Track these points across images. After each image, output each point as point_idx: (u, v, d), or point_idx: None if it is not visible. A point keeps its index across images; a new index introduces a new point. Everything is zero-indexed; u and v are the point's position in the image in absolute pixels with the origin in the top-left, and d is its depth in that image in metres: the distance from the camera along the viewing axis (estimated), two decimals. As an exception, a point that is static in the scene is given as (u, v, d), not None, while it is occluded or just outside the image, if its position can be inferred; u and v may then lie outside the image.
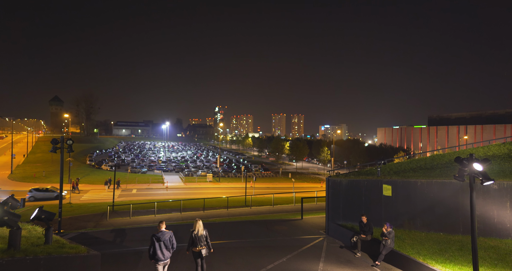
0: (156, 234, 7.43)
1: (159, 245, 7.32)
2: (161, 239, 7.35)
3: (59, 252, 5.86)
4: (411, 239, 11.18)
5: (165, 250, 7.39)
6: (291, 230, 15.04)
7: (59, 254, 5.75)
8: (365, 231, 11.52)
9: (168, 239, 7.49)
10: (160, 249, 7.31)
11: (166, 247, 7.43)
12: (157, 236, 7.36)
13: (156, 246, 7.31)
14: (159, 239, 7.34)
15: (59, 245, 6.52)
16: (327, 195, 14.13)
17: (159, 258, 7.31)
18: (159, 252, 7.29)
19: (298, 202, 28.96)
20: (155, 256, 7.31)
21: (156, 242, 7.31)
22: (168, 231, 7.59)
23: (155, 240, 7.32)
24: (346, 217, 13.54)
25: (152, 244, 7.32)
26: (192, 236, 8.01)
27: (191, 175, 61.96)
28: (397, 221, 12.07)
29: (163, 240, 7.37)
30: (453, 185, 11.07)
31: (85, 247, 7.18)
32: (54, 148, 12.28)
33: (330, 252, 11.74)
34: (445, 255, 9.59)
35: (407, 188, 11.99)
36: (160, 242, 7.34)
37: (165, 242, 7.41)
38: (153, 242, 7.31)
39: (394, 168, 14.09)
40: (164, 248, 7.38)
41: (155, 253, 7.29)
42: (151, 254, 7.34)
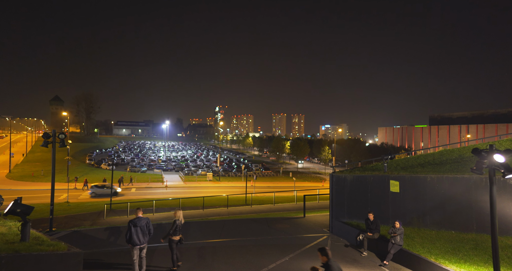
0: (133, 220, 7.82)
1: (136, 231, 7.70)
2: (138, 225, 7.75)
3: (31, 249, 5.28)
4: (420, 238, 10.60)
5: (141, 235, 7.77)
6: (293, 228, 14.45)
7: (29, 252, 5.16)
8: (372, 229, 10.95)
9: (145, 225, 7.87)
10: (136, 234, 7.69)
11: (143, 232, 7.82)
12: (134, 222, 7.76)
13: (133, 231, 7.68)
14: (135, 224, 7.73)
15: (38, 242, 5.96)
16: (331, 192, 13.54)
17: (135, 242, 7.69)
18: (135, 236, 7.68)
19: (299, 200, 28.41)
20: (131, 241, 7.69)
21: (133, 227, 7.70)
22: (145, 218, 7.97)
23: (131, 225, 7.72)
24: (351, 214, 12.96)
25: (129, 229, 7.71)
26: (177, 225, 8.55)
27: (191, 174, 61.41)
28: (405, 218, 11.48)
29: (139, 226, 7.76)
30: (466, 180, 10.49)
31: (66, 244, 6.64)
32: (46, 142, 11.71)
33: (335, 251, 11.15)
34: (459, 255, 9.00)
35: (416, 184, 11.41)
36: (137, 228, 7.73)
37: (142, 227, 7.79)
38: (130, 228, 7.72)
39: (401, 164, 13.50)
40: (140, 233, 7.75)
41: (131, 237, 7.69)
42: (127, 238, 7.74)
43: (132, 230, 7.72)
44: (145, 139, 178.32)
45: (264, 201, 29.52)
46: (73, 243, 10.98)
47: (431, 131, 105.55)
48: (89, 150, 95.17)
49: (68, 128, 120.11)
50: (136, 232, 7.72)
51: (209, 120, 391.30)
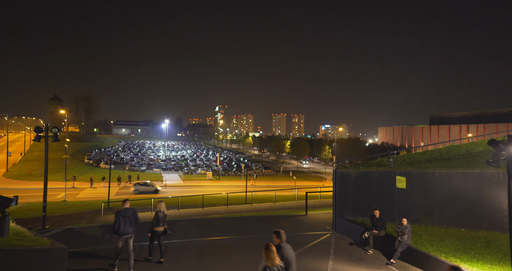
0: (120, 211, 7.96)
1: (124, 221, 7.83)
2: (125, 215, 7.89)
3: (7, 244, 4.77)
4: (429, 235, 10.16)
5: (128, 226, 7.91)
6: (295, 226, 14.01)
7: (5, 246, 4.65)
8: (377, 226, 10.51)
9: (132, 216, 8.03)
10: (124, 224, 7.82)
11: (130, 222, 7.96)
12: (122, 213, 7.90)
13: (121, 222, 7.80)
14: (123, 215, 7.89)
15: (19, 237, 5.51)
16: (334, 188, 13.10)
17: (122, 232, 7.81)
18: (122, 227, 7.80)
19: (300, 199, 27.97)
20: (119, 231, 7.80)
21: (121, 218, 7.83)
22: (132, 208, 8.13)
23: (120, 216, 7.84)
24: (355, 211, 12.52)
25: (117, 220, 7.82)
26: (159, 216, 8.73)
27: (190, 173, 60.96)
28: (412, 215, 11.04)
29: (127, 216, 7.90)
30: (476, 175, 10.05)
31: (50, 240, 6.19)
32: (38, 136, 11.23)
33: (339, 249, 10.72)
34: (470, 253, 8.56)
35: (424, 180, 10.97)
36: (125, 218, 7.86)
37: (129, 218, 7.94)
38: (118, 218, 7.82)
39: (407, 159, 13.06)
40: (128, 223, 7.89)
41: (119, 228, 7.79)
42: (116, 229, 7.82)
43: (120, 221, 7.83)
44: (144, 138, 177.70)
45: (265, 200, 29.09)
46: (65, 241, 10.53)
47: (431, 131, 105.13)
48: (88, 149, 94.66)
49: (67, 128, 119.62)
50: (124, 223, 7.85)
51: (209, 120, 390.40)
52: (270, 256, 4.72)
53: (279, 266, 4.74)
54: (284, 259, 5.32)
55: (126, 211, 7.94)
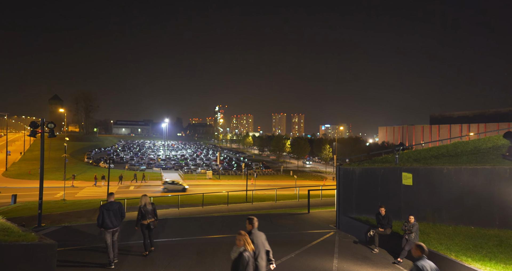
0: (104, 204, 7.96)
1: (108, 214, 7.84)
2: (110, 209, 7.88)
3: None
4: (436, 233, 9.82)
5: (113, 219, 7.92)
6: (298, 224, 13.67)
7: None
8: (383, 224, 10.17)
9: (117, 209, 8.04)
10: (109, 218, 7.82)
11: (115, 216, 7.98)
12: (106, 206, 7.89)
13: (105, 215, 7.80)
14: (108, 208, 7.87)
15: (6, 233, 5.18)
16: (337, 185, 12.75)
17: (107, 226, 7.81)
18: (107, 220, 7.81)
19: (301, 198, 27.61)
20: (104, 224, 7.80)
21: (105, 211, 7.82)
22: (117, 202, 8.15)
23: (104, 210, 7.82)
24: (359, 209, 12.18)
25: (101, 214, 7.80)
26: (141, 210, 8.68)
27: (190, 172, 60.64)
28: (419, 213, 10.70)
29: (111, 210, 7.90)
30: (487, 171, 9.70)
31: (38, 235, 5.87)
32: (33, 132, 10.89)
33: (344, 248, 10.38)
34: (482, 252, 8.21)
35: (431, 176, 10.62)
36: (109, 211, 7.86)
37: (114, 211, 7.95)
38: (102, 212, 7.80)
39: (413, 156, 12.72)
40: (113, 216, 7.90)
41: (104, 221, 7.79)
42: (100, 223, 7.79)
43: (104, 214, 7.81)
44: (144, 138, 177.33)
45: (265, 199, 28.75)
46: (61, 239, 10.23)
47: (432, 130, 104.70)
48: (88, 149, 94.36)
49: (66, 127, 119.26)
50: (109, 216, 7.85)
51: (209, 119, 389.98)
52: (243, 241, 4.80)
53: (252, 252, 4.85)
54: (254, 244, 5.53)
55: (110, 204, 7.98)
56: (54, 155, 69.74)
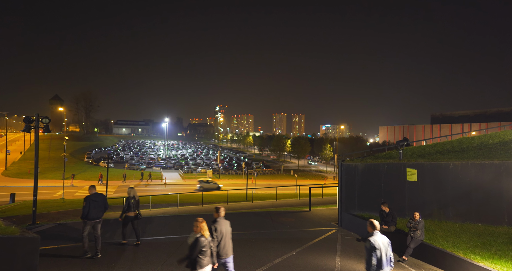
0: (89, 196, 8.11)
1: (94, 205, 7.99)
2: (96, 200, 8.07)
3: None
4: (442, 231, 9.51)
5: (98, 210, 8.09)
6: (299, 221, 13.36)
7: None
8: (387, 221, 9.83)
9: (101, 200, 8.22)
10: (94, 208, 7.97)
11: (99, 207, 8.14)
12: (92, 197, 8.07)
13: (91, 207, 7.94)
14: (94, 199, 8.05)
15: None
16: (340, 182, 12.45)
17: (91, 217, 7.97)
18: (92, 211, 7.96)
19: (302, 196, 27.29)
20: (88, 215, 7.93)
21: (91, 202, 7.98)
22: (101, 194, 8.37)
23: (90, 200, 7.99)
24: (362, 206, 11.87)
25: (87, 205, 7.94)
26: (129, 202, 8.89)
27: (190, 172, 60.38)
28: (424, 210, 10.38)
29: (96, 201, 8.08)
30: (495, 167, 9.38)
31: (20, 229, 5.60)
32: (27, 127, 10.60)
33: (347, 245, 10.08)
34: (491, 250, 7.90)
35: (437, 172, 10.30)
36: (95, 202, 8.03)
37: (99, 202, 8.13)
38: (88, 203, 7.95)
39: (417, 152, 12.40)
40: (97, 208, 8.07)
41: (89, 212, 7.92)
42: (85, 214, 7.92)
43: (90, 205, 7.94)
44: (145, 138, 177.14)
45: (266, 198, 28.45)
46: (55, 235, 9.94)
47: (433, 130, 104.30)
48: (88, 148, 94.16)
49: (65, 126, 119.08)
50: (94, 207, 7.98)
51: (209, 119, 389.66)
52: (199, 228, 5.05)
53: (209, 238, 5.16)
54: (217, 231, 5.97)
55: (96, 195, 8.15)
56: (54, 154, 69.53)
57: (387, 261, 5.42)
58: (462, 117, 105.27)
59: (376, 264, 5.31)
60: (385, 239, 5.58)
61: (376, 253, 5.34)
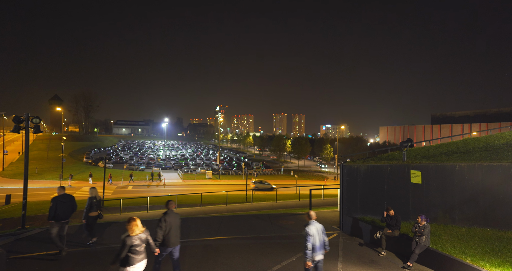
0: (57, 197, 8.16)
1: (62, 206, 8.07)
2: (64, 201, 8.16)
3: None
4: (449, 236, 9.12)
5: (66, 211, 8.19)
6: (299, 225, 12.98)
7: None
8: (391, 225, 9.47)
9: (69, 201, 8.27)
10: (62, 209, 8.06)
11: (67, 208, 8.21)
12: (59, 198, 8.15)
13: (58, 207, 8.01)
14: (61, 200, 8.13)
15: None
16: (341, 184, 12.07)
17: (59, 217, 8.05)
18: (60, 212, 8.03)
19: (302, 197, 26.93)
20: (56, 216, 8.00)
21: (58, 203, 8.04)
22: (70, 195, 8.45)
23: (58, 201, 8.05)
24: (364, 209, 11.49)
25: (54, 205, 7.99)
26: (91, 202, 9.04)
27: (190, 172, 59.96)
28: (429, 213, 10.00)
29: (64, 202, 8.15)
30: (504, 169, 8.99)
31: None
32: (17, 127, 10.24)
33: (349, 251, 9.70)
34: (501, 256, 7.51)
35: (442, 174, 9.92)
36: (63, 203, 8.12)
37: (67, 203, 8.20)
38: (56, 204, 8.01)
39: (421, 153, 12.02)
40: (65, 209, 8.15)
41: (56, 213, 7.99)
42: (52, 214, 7.99)
43: (58, 206, 8.00)
44: (145, 138, 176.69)
45: (266, 199, 28.06)
46: (44, 241, 9.52)
47: (433, 130, 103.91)
48: (87, 148, 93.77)
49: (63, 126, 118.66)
50: (62, 208, 8.05)
51: (209, 120, 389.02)
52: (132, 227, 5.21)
53: (141, 235, 5.30)
54: (166, 222, 6.45)
55: (63, 196, 8.23)
56: (52, 154, 69.16)
57: (320, 245, 6.44)
58: (462, 117, 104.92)
59: (312, 248, 6.27)
60: (320, 226, 6.58)
61: (311, 239, 6.27)
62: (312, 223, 6.48)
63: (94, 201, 9.09)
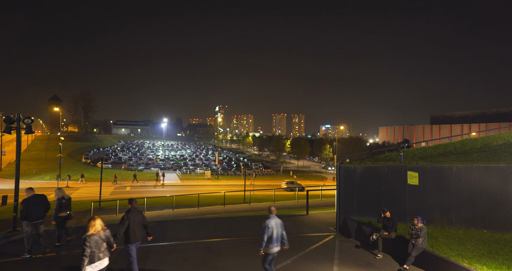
0: (27, 198, 8.19)
1: (32, 207, 8.13)
2: (33, 202, 8.20)
3: None
4: (445, 238, 9.02)
5: (38, 211, 8.28)
6: (296, 226, 12.87)
7: None
8: (388, 227, 9.36)
9: (41, 201, 8.41)
10: (32, 210, 8.12)
11: (39, 208, 8.34)
12: (29, 200, 8.17)
13: (29, 208, 8.06)
14: (31, 202, 8.16)
15: None
16: (338, 185, 11.96)
17: (32, 218, 8.11)
18: (33, 213, 8.12)
19: (300, 198, 26.81)
20: (28, 217, 8.07)
21: (29, 204, 8.09)
22: (41, 195, 8.57)
23: (28, 203, 8.10)
24: (361, 211, 11.38)
25: (26, 206, 8.05)
26: (60, 203, 9.09)
27: (189, 173, 59.86)
28: (426, 215, 9.90)
29: (35, 202, 8.22)
30: (501, 170, 8.89)
31: None
32: (8, 128, 10.09)
33: (345, 253, 9.59)
34: (498, 259, 7.41)
35: (439, 175, 9.81)
36: (33, 204, 8.16)
37: (37, 204, 8.29)
38: (27, 205, 8.07)
39: (419, 154, 11.92)
40: (36, 209, 8.24)
41: (29, 214, 8.07)
42: (24, 215, 8.05)
43: (28, 207, 8.03)
44: (144, 138, 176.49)
45: (264, 199, 27.93)
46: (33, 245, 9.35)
47: (432, 130, 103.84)
48: (86, 149, 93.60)
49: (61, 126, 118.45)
50: (34, 209, 8.11)
51: (209, 120, 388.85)
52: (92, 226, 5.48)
53: (101, 233, 5.55)
54: (129, 219, 6.65)
55: (33, 197, 8.27)
56: (50, 155, 69.05)
57: (277, 238, 6.82)
58: (462, 118, 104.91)
59: (267, 240, 6.72)
60: (279, 221, 7.00)
61: (268, 231, 6.72)
62: (272, 217, 6.91)
63: (64, 202, 9.14)
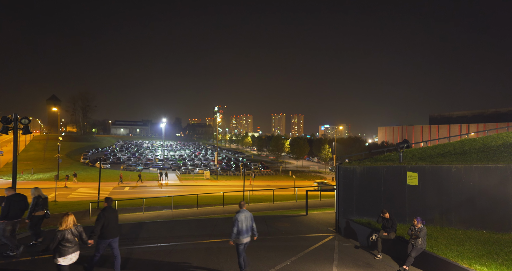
0: (9, 196, 8.27)
1: (14, 206, 8.19)
2: (15, 200, 8.28)
3: None
4: (445, 238, 8.99)
5: (18, 210, 8.30)
6: (295, 227, 12.83)
7: None
8: (387, 227, 9.33)
9: (22, 201, 8.48)
10: (14, 209, 8.16)
11: (20, 207, 8.36)
12: (12, 198, 8.25)
13: (11, 206, 8.12)
14: (13, 200, 8.22)
15: None
16: (337, 185, 11.92)
17: (12, 216, 8.15)
18: (12, 211, 8.13)
19: (300, 198, 26.78)
20: (8, 216, 8.09)
21: (12, 202, 8.17)
22: (22, 194, 8.61)
23: (11, 201, 8.16)
24: (360, 211, 11.34)
25: (7, 205, 8.07)
26: (37, 202, 9.07)
27: (188, 173, 59.77)
28: (425, 215, 9.87)
29: (16, 201, 8.30)
30: (501, 170, 8.87)
31: None
32: (5, 128, 10.02)
33: (344, 253, 9.55)
34: (498, 260, 7.38)
35: (439, 176, 9.78)
36: (15, 203, 8.24)
37: (19, 202, 8.35)
38: (8, 203, 8.12)
39: (418, 154, 11.89)
40: (17, 208, 8.27)
41: (9, 212, 8.06)
42: (5, 214, 8.04)
43: (11, 206, 8.10)
44: (143, 138, 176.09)
45: (263, 199, 27.89)
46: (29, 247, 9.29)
47: (431, 131, 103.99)
48: (85, 149, 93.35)
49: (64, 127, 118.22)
50: (14, 207, 8.15)
51: (208, 120, 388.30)
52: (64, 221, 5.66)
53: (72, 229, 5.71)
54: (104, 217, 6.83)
55: (15, 195, 8.38)
56: (49, 155, 68.87)
57: (247, 230, 7.35)
58: (460, 118, 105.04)
59: (237, 232, 7.20)
60: (248, 214, 7.49)
61: (238, 224, 7.20)
62: (242, 211, 7.40)
63: (40, 201, 9.12)
